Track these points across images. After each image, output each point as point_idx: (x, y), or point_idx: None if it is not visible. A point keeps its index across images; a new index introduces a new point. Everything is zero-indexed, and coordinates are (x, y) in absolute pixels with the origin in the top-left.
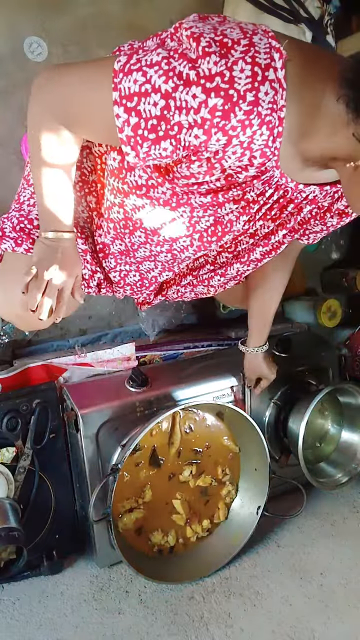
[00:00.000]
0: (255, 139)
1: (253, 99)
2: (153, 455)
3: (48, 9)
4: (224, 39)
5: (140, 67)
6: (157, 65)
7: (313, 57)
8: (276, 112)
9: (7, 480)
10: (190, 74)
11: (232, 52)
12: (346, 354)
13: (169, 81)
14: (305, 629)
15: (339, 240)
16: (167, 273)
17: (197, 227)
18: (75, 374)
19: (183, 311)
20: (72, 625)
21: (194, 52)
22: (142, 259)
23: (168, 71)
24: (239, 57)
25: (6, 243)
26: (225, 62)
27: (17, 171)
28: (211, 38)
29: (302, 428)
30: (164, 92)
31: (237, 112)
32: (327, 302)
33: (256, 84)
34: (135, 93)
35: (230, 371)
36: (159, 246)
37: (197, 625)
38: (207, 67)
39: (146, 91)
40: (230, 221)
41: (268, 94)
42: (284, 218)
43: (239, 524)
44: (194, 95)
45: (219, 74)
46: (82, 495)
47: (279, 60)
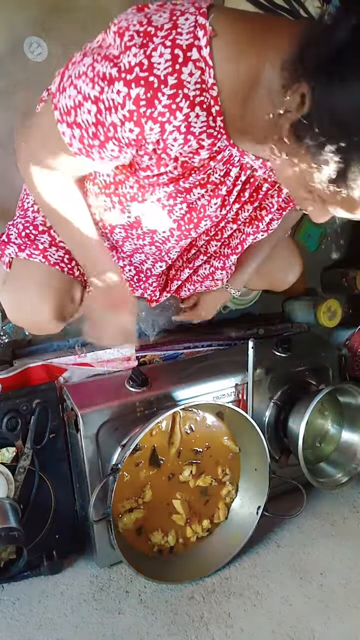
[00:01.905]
0: (192, 121)
1: (175, 81)
2: (153, 455)
3: (48, 9)
4: (148, 27)
5: (71, 81)
6: (84, 75)
7: (254, 28)
8: (207, 91)
9: (7, 480)
10: (112, 72)
11: (153, 39)
12: (346, 354)
13: (95, 86)
14: (305, 629)
15: (339, 240)
16: (160, 264)
17: (172, 216)
18: (75, 374)
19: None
20: (72, 625)
21: (117, 49)
22: (131, 252)
23: (94, 77)
24: (159, 43)
25: (10, 248)
26: (144, 51)
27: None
28: (135, 30)
29: (302, 428)
30: (94, 97)
31: (161, 97)
32: (327, 302)
33: (177, 66)
34: (71, 107)
35: (230, 371)
36: (140, 239)
37: (197, 625)
38: (127, 60)
39: (79, 102)
40: (203, 206)
41: (193, 75)
42: (262, 200)
43: (239, 524)
44: (118, 92)
45: (138, 64)
46: (82, 495)
47: (204, 37)
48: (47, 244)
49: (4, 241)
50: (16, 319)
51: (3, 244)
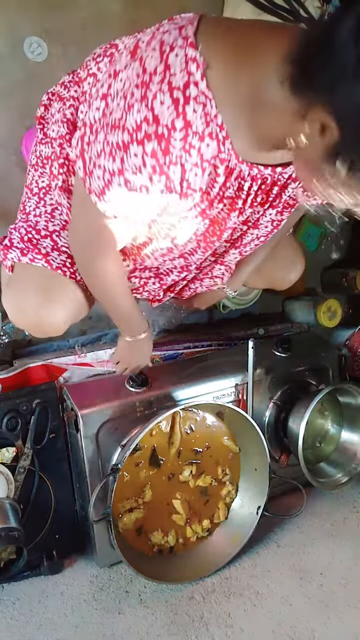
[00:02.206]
0: (204, 152)
1: (182, 124)
2: (153, 455)
3: (48, 9)
4: (144, 75)
5: (94, 163)
6: (102, 152)
7: (244, 47)
8: (212, 121)
9: (7, 480)
10: (125, 138)
11: (150, 86)
12: (346, 354)
13: (116, 159)
14: (305, 629)
15: (339, 240)
16: (185, 273)
17: (198, 232)
18: (75, 374)
19: (183, 311)
20: (72, 625)
21: (121, 110)
22: (159, 264)
23: (111, 150)
24: (157, 90)
25: (12, 253)
26: (145, 103)
27: (18, 171)
28: (135, 85)
29: (302, 428)
30: (118, 170)
31: (174, 142)
32: (327, 302)
33: (180, 108)
34: (104, 186)
35: (230, 371)
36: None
37: (197, 625)
38: (132, 120)
39: (109, 180)
40: (223, 218)
41: (197, 111)
42: (271, 201)
43: (239, 524)
44: (135, 154)
45: (144, 120)
46: (82, 495)
47: (197, 71)
48: (50, 248)
49: (7, 245)
50: (19, 322)
51: (5, 248)
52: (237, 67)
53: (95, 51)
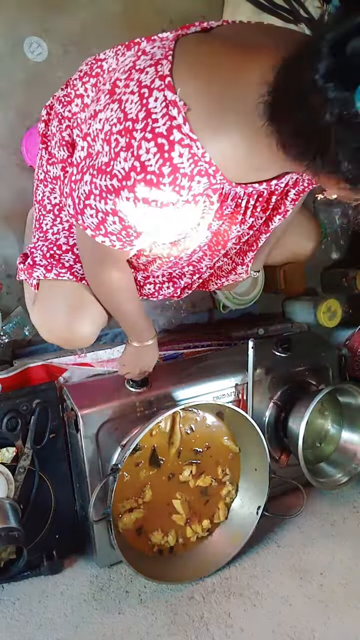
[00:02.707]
0: (195, 188)
1: (170, 169)
2: (153, 455)
3: (48, 9)
4: (126, 122)
5: (84, 203)
6: (91, 193)
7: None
8: (200, 160)
9: (7, 480)
10: (114, 184)
11: (134, 134)
12: (346, 354)
13: (107, 201)
14: (305, 629)
15: (339, 240)
16: (197, 275)
17: (202, 243)
18: (75, 374)
19: (183, 311)
20: (72, 625)
21: (107, 155)
22: (170, 271)
23: (100, 193)
24: (141, 138)
25: (37, 271)
26: (131, 152)
27: (18, 171)
28: (118, 132)
29: (302, 428)
30: (111, 210)
31: (163, 187)
32: (327, 302)
33: (166, 154)
34: (98, 223)
35: (230, 371)
36: (179, 264)
37: (197, 625)
38: (120, 167)
39: (102, 218)
40: (225, 231)
41: (183, 155)
42: (272, 209)
43: (239, 524)
44: (127, 198)
45: (132, 169)
46: (82, 495)
47: (179, 115)
48: (72, 261)
49: (30, 264)
50: (51, 338)
51: (29, 267)
52: (218, 106)
53: (81, 68)
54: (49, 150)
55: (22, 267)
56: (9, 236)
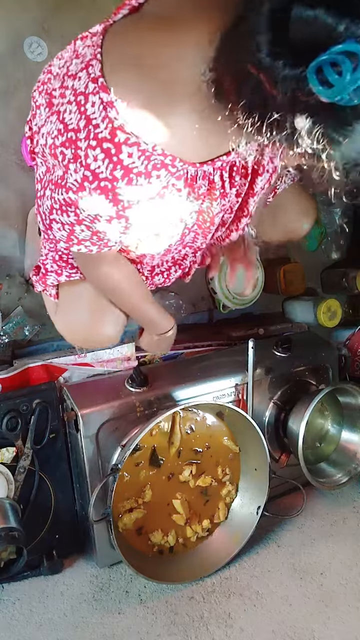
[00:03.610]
0: (155, 183)
1: (122, 171)
2: (153, 455)
3: (48, 9)
4: (68, 133)
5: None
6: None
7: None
8: (152, 154)
9: (7, 480)
10: (71, 197)
11: (78, 144)
12: (346, 354)
13: (69, 213)
14: (305, 629)
15: (339, 240)
16: (199, 252)
17: (189, 224)
18: (75, 374)
19: (183, 311)
20: (72, 625)
21: (60, 168)
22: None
23: (60, 206)
24: (86, 147)
25: (50, 277)
26: (80, 162)
27: (18, 171)
28: (62, 144)
29: (302, 428)
30: (75, 221)
31: (121, 192)
32: (327, 302)
33: (115, 158)
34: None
35: (230, 371)
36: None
37: (197, 625)
38: (73, 179)
39: (70, 230)
40: (208, 207)
41: (132, 154)
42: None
43: (239, 524)
44: (86, 209)
45: (84, 179)
46: (82, 495)
47: (119, 115)
48: None
49: (43, 273)
50: (78, 342)
51: (43, 276)
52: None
53: (39, 78)
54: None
55: (36, 279)
56: (9, 236)
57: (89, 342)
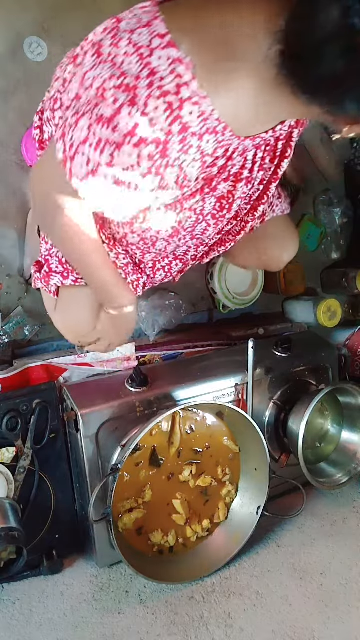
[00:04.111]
0: (204, 148)
1: (180, 127)
2: (153, 455)
3: (48, 9)
4: (125, 79)
5: (76, 149)
6: (87, 141)
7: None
8: (209, 118)
9: (7, 480)
10: (115, 138)
11: (138, 92)
12: (346, 354)
13: (105, 153)
14: (305, 629)
15: (339, 240)
16: (203, 248)
17: (205, 212)
18: (75, 374)
19: (183, 311)
20: (72, 625)
21: (108, 109)
22: (173, 250)
23: (99, 143)
24: (147, 96)
25: (54, 278)
26: (137, 108)
27: (18, 171)
28: (115, 87)
29: (302, 428)
30: (106, 163)
31: (171, 146)
32: (327, 302)
33: (176, 112)
34: (88, 173)
35: (230, 371)
36: (182, 240)
37: (197, 625)
38: (124, 123)
39: (94, 169)
40: (229, 192)
41: (193, 113)
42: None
43: (239, 524)
44: (129, 154)
45: (137, 125)
46: (82, 495)
47: (187, 72)
48: None
49: (46, 272)
50: (71, 339)
51: (46, 275)
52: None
53: (62, 61)
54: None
55: (38, 276)
56: (9, 236)
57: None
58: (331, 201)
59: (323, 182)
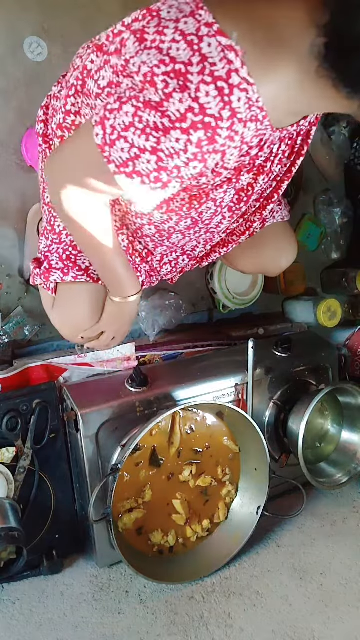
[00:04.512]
0: (246, 135)
1: (229, 113)
2: (153, 455)
3: (48, 9)
4: (175, 65)
5: (119, 134)
6: (132, 126)
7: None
8: (254, 105)
9: (7, 480)
10: (165, 122)
11: (189, 77)
12: (346, 354)
13: (150, 138)
14: (305, 629)
15: (339, 240)
16: (211, 244)
17: (224, 204)
18: (75, 374)
19: (183, 311)
20: (72, 625)
21: (156, 94)
22: (184, 244)
23: (145, 128)
24: (199, 81)
25: (54, 274)
26: (188, 94)
27: (18, 171)
28: (164, 73)
29: (302, 428)
30: (151, 148)
31: (220, 132)
32: (327, 302)
33: (226, 98)
34: (128, 159)
35: (230, 371)
36: (197, 233)
37: (197, 625)
38: (175, 108)
39: (136, 155)
40: (250, 184)
41: (241, 99)
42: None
43: (239, 524)
44: (177, 139)
45: (189, 110)
46: (82, 495)
47: (237, 59)
48: (88, 262)
49: (46, 268)
50: (69, 337)
51: (46, 271)
52: (268, 49)
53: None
54: (52, 149)
55: (37, 272)
56: (9, 236)
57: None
58: (331, 201)
59: (323, 182)
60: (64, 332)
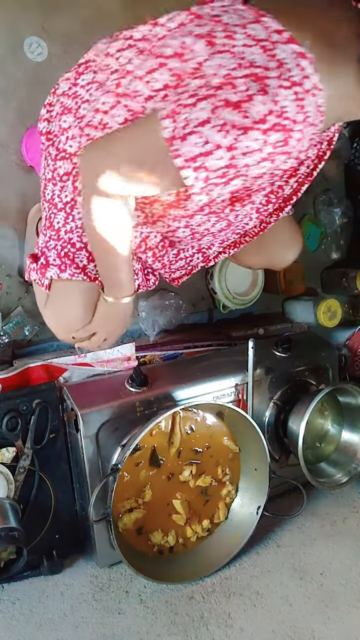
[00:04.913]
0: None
1: (303, 117)
2: (153, 455)
3: (48, 9)
4: (253, 69)
5: (192, 129)
6: (207, 122)
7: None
8: (319, 111)
9: (7, 480)
10: (245, 122)
11: (267, 82)
12: (346, 354)
13: (228, 135)
14: (305, 629)
15: (339, 240)
16: (226, 244)
17: (254, 205)
18: (75, 374)
19: (183, 311)
20: (72, 625)
21: (236, 95)
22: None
23: (223, 125)
24: (278, 85)
25: (51, 270)
26: (269, 97)
27: (18, 171)
28: (244, 76)
29: (302, 428)
30: (227, 146)
31: (294, 135)
32: (327, 302)
33: (301, 102)
34: (199, 154)
35: (230, 371)
36: (227, 234)
37: (197, 625)
38: (255, 110)
39: (210, 150)
40: (280, 186)
41: (311, 104)
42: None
43: (239, 524)
44: (255, 139)
45: (269, 113)
46: (82, 495)
47: (310, 65)
48: (86, 261)
49: (43, 264)
50: (61, 337)
51: (43, 266)
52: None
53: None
54: (56, 146)
55: (34, 267)
56: (9, 236)
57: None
58: (331, 201)
59: (323, 182)
60: (56, 330)
